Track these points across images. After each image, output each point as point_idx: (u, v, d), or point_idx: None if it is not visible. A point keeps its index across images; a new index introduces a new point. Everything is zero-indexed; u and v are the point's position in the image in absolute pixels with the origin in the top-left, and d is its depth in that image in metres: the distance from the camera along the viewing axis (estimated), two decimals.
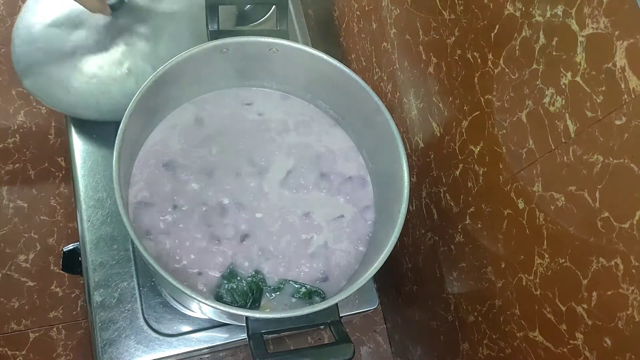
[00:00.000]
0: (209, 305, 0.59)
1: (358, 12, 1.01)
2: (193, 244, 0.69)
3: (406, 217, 0.66)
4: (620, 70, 0.45)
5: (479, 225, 0.73)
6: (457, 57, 0.69)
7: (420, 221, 0.91)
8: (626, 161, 0.47)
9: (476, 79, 0.66)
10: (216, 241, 0.70)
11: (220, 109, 0.77)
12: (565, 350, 0.59)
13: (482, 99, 0.66)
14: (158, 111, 0.73)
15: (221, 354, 1.15)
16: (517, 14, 0.57)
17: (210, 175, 0.73)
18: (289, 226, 0.73)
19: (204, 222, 0.70)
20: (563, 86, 0.52)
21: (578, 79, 0.50)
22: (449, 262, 0.84)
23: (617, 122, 0.47)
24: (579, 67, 0.50)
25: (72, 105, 0.81)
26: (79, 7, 0.77)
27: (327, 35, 0.69)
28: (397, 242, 0.64)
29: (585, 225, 0.53)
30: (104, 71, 0.80)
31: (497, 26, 0.61)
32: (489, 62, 0.63)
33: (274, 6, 0.89)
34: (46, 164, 1.30)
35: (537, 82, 0.56)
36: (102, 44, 0.80)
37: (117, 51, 0.80)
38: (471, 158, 0.71)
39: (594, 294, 0.53)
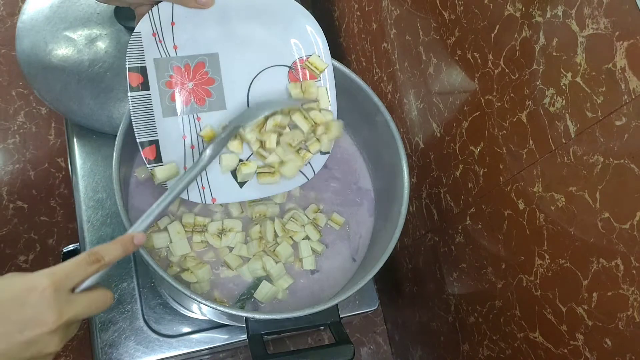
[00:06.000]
0: (209, 306, 0.59)
1: (358, 12, 1.01)
2: None
3: (406, 217, 0.66)
4: (620, 71, 0.45)
5: (480, 226, 0.72)
6: (457, 58, 0.69)
7: (421, 222, 0.91)
8: (626, 162, 0.47)
9: (476, 79, 0.66)
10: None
11: None
12: (565, 351, 0.59)
13: (482, 99, 0.66)
14: None
15: (221, 355, 1.15)
16: (517, 14, 0.57)
17: None
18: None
19: None
20: (563, 87, 0.52)
21: (578, 79, 0.50)
22: (449, 262, 0.84)
23: (618, 123, 0.47)
24: (579, 67, 0.50)
25: (85, 117, 0.82)
26: (94, 14, 0.79)
27: (327, 35, 0.69)
28: (397, 243, 0.64)
29: (585, 225, 0.53)
30: (119, 86, 0.80)
31: (497, 26, 0.61)
32: (489, 63, 0.63)
33: None
34: (46, 165, 1.30)
35: (538, 83, 0.56)
36: (118, 59, 0.81)
37: None
38: (471, 159, 0.71)
39: (595, 294, 0.53)
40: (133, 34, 0.60)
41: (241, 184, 0.68)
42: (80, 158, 0.86)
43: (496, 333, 0.73)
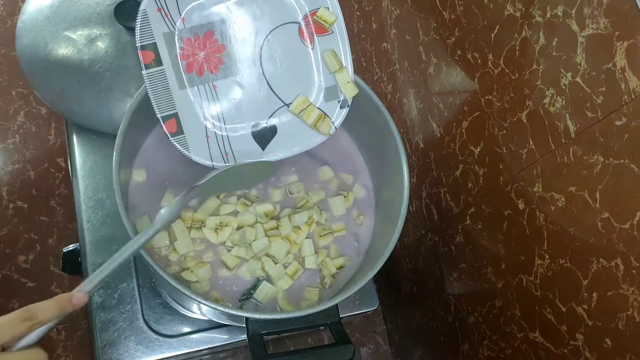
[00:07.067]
0: (209, 306, 0.59)
1: (358, 12, 1.01)
2: None
3: (406, 217, 0.66)
4: (620, 71, 0.45)
5: (479, 226, 0.72)
6: (457, 58, 0.69)
7: (421, 222, 0.91)
8: (626, 162, 0.47)
9: (476, 79, 0.66)
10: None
11: None
12: (565, 351, 0.59)
13: (482, 99, 0.66)
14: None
15: (221, 355, 1.15)
16: (517, 14, 0.57)
17: None
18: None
19: None
20: (563, 87, 0.52)
21: (578, 79, 0.50)
22: (449, 262, 0.84)
23: (617, 123, 0.47)
24: (579, 67, 0.50)
25: (86, 117, 0.82)
26: (93, 15, 0.80)
27: None
28: (397, 243, 0.64)
29: (585, 225, 0.53)
30: (119, 86, 0.80)
31: (497, 26, 0.61)
32: (489, 63, 0.63)
33: None
34: (46, 165, 1.30)
35: (537, 83, 0.56)
36: (118, 59, 0.81)
37: (132, 67, 0.80)
38: (471, 158, 0.71)
39: (595, 294, 0.53)
40: (139, 12, 0.61)
41: (263, 147, 0.70)
42: (80, 158, 0.86)
43: (496, 333, 0.73)
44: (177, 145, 0.66)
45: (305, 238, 0.71)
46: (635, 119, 0.45)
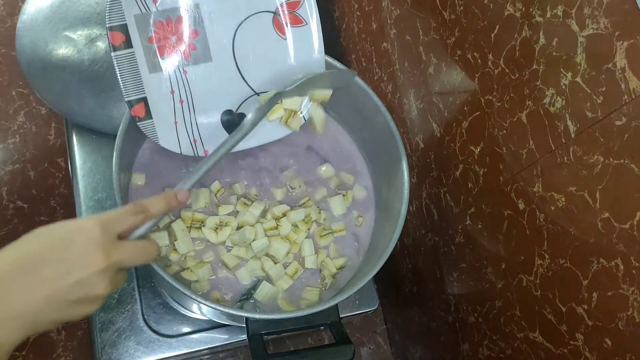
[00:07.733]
0: (209, 306, 0.59)
1: (358, 12, 1.01)
2: None
3: (406, 217, 0.66)
4: (620, 71, 0.45)
5: (479, 226, 0.72)
6: (457, 58, 0.69)
7: (421, 222, 0.91)
8: (626, 162, 0.47)
9: (476, 79, 0.66)
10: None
11: None
12: (565, 351, 0.59)
13: (482, 99, 0.66)
14: None
15: (221, 354, 1.15)
16: (517, 14, 0.57)
17: None
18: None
19: None
20: (563, 87, 0.52)
21: (578, 79, 0.50)
22: (449, 262, 0.84)
23: (618, 123, 0.47)
24: (579, 67, 0.50)
25: (86, 117, 0.82)
26: (94, 15, 0.80)
27: (327, 35, 0.69)
28: (397, 243, 0.64)
29: (585, 225, 0.53)
30: (119, 86, 0.80)
31: (497, 26, 0.61)
32: (489, 63, 0.63)
33: None
34: (46, 165, 1.30)
35: (537, 83, 0.56)
36: None
37: None
38: (471, 159, 0.71)
39: (595, 294, 0.53)
40: None
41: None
42: (80, 158, 0.86)
43: (496, 333, 0.73)
44: (144, 130, 0.64)
45: (306, 238, 0.71)
46: (635, 119, 0.45)
